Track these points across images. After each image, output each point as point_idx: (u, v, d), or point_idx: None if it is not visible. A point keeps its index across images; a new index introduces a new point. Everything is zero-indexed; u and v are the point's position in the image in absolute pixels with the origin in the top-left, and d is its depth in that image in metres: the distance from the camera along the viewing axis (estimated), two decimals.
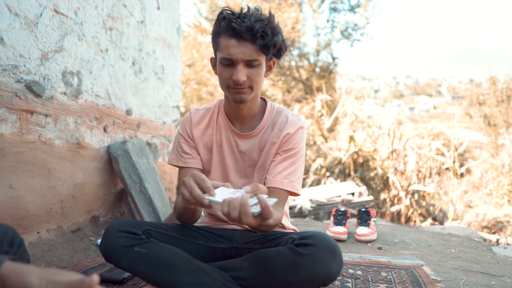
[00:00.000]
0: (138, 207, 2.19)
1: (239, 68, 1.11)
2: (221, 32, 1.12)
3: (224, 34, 1.11)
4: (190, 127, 1.30)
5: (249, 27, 1.07)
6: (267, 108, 1.30)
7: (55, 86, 1.73)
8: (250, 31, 1.07)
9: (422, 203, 5.03)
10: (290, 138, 1.24)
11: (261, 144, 1.27)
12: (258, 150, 1.27)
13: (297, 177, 1.24)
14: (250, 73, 1.13)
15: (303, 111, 7.89)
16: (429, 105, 65.95)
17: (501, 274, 1.45)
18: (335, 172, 5.29)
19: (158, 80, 2.79)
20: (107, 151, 2.17)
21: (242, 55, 1.10)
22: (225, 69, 1.14)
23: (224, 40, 1.11)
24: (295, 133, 1.25)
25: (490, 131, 10.85)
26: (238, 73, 1.11)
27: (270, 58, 1.20)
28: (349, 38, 12.09)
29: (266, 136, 1.27)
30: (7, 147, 1.50)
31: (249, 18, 1.08)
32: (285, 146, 1.24)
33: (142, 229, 1.15)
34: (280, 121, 1.27)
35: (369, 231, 2.04)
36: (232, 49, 1.10)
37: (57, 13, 1.71)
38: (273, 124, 1.28)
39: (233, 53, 1.10)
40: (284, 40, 1.17)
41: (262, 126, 1.27)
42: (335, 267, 1.03)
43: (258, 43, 1.09)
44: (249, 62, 1.11)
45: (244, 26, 1.07)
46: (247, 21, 1.07)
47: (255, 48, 1.10)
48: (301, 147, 1.26)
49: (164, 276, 1.09)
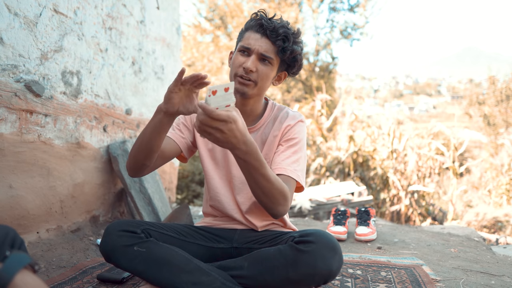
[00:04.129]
0: (137, 207, 2.19)
1: (253, 58, 1.18)
2: (250, 27, 1.23)
3: (251, 29, 1.22)
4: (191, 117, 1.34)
5: (275, 28, 1.18)
6: (268, 105, 1.34)
7: (55, 86, 1.73)
8: (275, 31, 1.18)
9: (421, 203, 5.04)
10: (291, 129, 1.28)
11: (263, 138, 1.30)
12: (260, 144, 1.30)
13: (300, 168, 1.23)
14: (260, 67, 1.19)
15: (303, 110, 7.90)
16: (428, 105, 65.98)
17: (501, 273, 1.45)
18: (334, 171, 5.29)
19: (158, 79, 2.79)
20: (106, 151, 2.17)
21: (259, 47, 1.18)
22: (239, 56, 1.21)
23: (249, 33, 1.22)
24: (295, 125, 1.28)
25: (489, 131, 10.86)
26: (250, 61, 1.18)
27: (284, 68, 1.27)
28: (349, 38, 12.10)
29: (268, 130, 1.30)
30: (6, 146, 1.50)
31: (278, 23, 1.20)
32: (286, 136, 1.27)
33: (142, 229, 1.16)
34: (281, 115, 1.31)
35: (369, 230, 2.04)
36: (253, 40, 1.19)
37: (56, 13, 1.70)
38: (274, 119, 1.32)
39: (252, 43, 1.19)
40: (302, 56, 1.26)
41: (264, 121, 1.31)
42: (336, 264, 1.03)
43: (277, 44, 1.18)
44: (263, 56, 1.19)
45: (271, 26, 1.18)
46: (276, 23, 1.19)
47: (273, 48, 1.19)
48: (302, 138, 1.28)
49: (164, 276, 1.09)
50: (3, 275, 0.59)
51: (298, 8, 11.70)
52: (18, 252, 0.65)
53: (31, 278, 0.61)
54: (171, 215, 2.15)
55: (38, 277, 0.64)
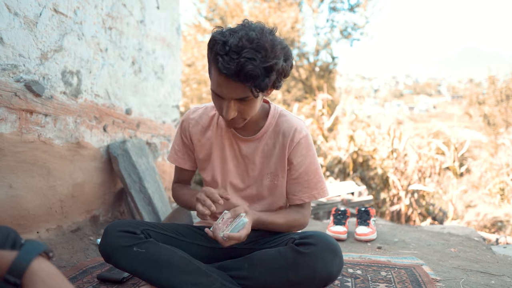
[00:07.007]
0: (137, 207, 2.19)
1: (229, 106, 1.04)
2: (211, 61, 1.02)
3: (214, 66, 1.00)
4: (189, 128, 1.30)
5: (237, 71, 0.94)
6: (270, 112, 1.24)
7: (55, 85, 1.73)
8: (237, 74, 0.95)
9: (421, 203, 5.03)
10: (300, 148, 1.22)
11: (265, 149, 1.24)
12: (260, 154, 1.24)
13: (322, 180, 1.28)
14: (241, 108, 1.06)
15: (303, 110, 7.89)
16: (428, 104, 65.91)
17: (501, 273, 1.45)
18: (335, 171, 5.29)
19: (158, 79, 2.79)
20: (106, 150, 2.17)
21: (231, 94, 1.01)
22: (216, 99, 1.08)
23: (215, 73, 1.01)
24: (302, 142, 1.22)
25: (489, 131, 10.85)
26: (228, 111, 1.04)
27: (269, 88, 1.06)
28: (349, 38, 12.08)
29: (271, 141, 1.23)
30: (6, 146, 1.49)
31: (238, 56, 0.94)
32: (296, 158, 1.22)
33: (141, 229, 1.15)
34: (285, 127, 1.22)
35: (369, 230, 2.04)
36: (221, 87, 1.01)
37: (56, 13, 1.70)
38: (276, 128, 1.23)
39: (221, 91, 1.02)
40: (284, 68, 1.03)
41: (265, 130, 1.23)
42: (336, 266, 1.03)
43: (249, 85, 0.98)
44: (240, 99, 1.03)
45: (232, 69, 0.94)
46: (235, 61, 0.94)
47: (245, 87, 0.99)
48: (313, 153, 1.25)
49: (163, 276, 1.09)
50: (20, 262, 0.61)
51: (298, 8, 11.69)
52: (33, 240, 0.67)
53: (46, 265, 0.63)
54: (171, 215, 2.15)
55: (53, 264, 0.65)
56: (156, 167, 2.66)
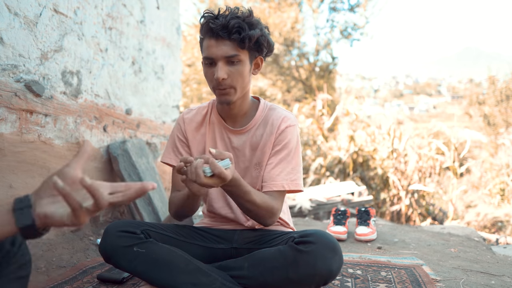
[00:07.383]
0: (138, 207, 2.19)
1: (219, 66, 1.13)
2: (203, 35, 1.17)
3: (205, 37, 1.15)
4: (184, 126, 1.32)
5: (224, 25, 1.10)
6: (260, 106, 1.29)
7: (55, 85, 1.73)
8: (225, 28, 1.10)
9: (422, 203, 5.03)
10: (284, 136, 1.23)
11: (253, 140, 1.26)
12: (250, 146, 1.26)
13: (298, 176, 1.24)
14: (230, 71, 1.14)
15: (303, 110, 7.89)
16: (428, 104, 65.91)
17: (501, 273, 1.45)
18: (335, 171, 5.29)
19: (158, 79, 2.79)
20: (106, 150, 2.17)
21: (221, 52, 1.12)
22: (208, 69, 1.16)
23: (205, 42, 1.15)
24: (287, 130, 1.24)
25: (489, 131, 10.85)
26: (218, 70, 1.13)
27: (256, 55, 1.20)
28: (349, 38, 12.09)
29: (259, 132, 1.26)
30: (6, 146, 1.49)
31: (224, 17, 1.12)
32: (278, 144, 1.23)
33: (141, 229, 1.16)
34: (273, 118, 1.26)
35: (369, 230, 2.04)
36: (211, 48, 1.13)
37: (56, 13, 1.70)
38: (266, 121, 1.27)
39: (212, 52, 1.13)
40: (266, 35, 1.17)
41: (255, 122, 1.26)
42: (336, 264, 1.03)
43: (234, 38, 1.11)
44: (229, 58, 1.13)
45: (219, 25, 1.10)
46: (222, 19, 1.11)
47: (233, 44, 1.12)
48: (296, 143, 1.25)
49: (163, 276, 1.09)
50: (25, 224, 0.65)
51: (298, 8, 11.69)
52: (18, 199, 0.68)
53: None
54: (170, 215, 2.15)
55: None
56: (156, 167, 2.66)
